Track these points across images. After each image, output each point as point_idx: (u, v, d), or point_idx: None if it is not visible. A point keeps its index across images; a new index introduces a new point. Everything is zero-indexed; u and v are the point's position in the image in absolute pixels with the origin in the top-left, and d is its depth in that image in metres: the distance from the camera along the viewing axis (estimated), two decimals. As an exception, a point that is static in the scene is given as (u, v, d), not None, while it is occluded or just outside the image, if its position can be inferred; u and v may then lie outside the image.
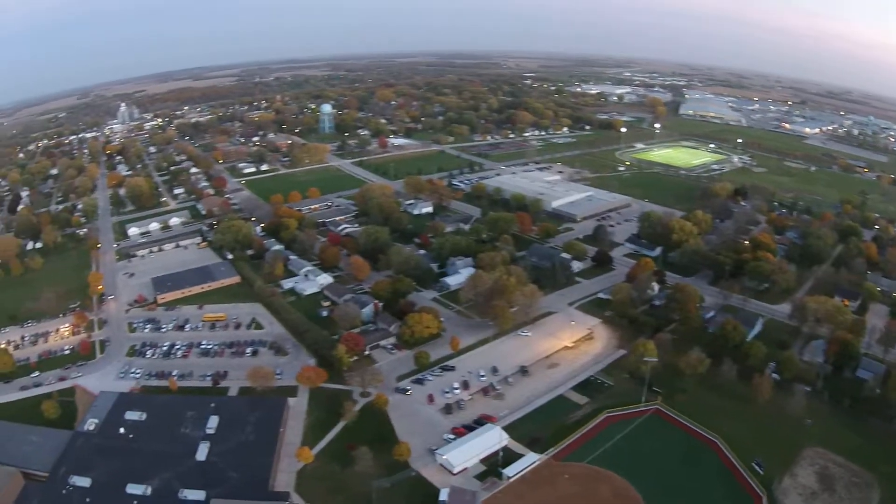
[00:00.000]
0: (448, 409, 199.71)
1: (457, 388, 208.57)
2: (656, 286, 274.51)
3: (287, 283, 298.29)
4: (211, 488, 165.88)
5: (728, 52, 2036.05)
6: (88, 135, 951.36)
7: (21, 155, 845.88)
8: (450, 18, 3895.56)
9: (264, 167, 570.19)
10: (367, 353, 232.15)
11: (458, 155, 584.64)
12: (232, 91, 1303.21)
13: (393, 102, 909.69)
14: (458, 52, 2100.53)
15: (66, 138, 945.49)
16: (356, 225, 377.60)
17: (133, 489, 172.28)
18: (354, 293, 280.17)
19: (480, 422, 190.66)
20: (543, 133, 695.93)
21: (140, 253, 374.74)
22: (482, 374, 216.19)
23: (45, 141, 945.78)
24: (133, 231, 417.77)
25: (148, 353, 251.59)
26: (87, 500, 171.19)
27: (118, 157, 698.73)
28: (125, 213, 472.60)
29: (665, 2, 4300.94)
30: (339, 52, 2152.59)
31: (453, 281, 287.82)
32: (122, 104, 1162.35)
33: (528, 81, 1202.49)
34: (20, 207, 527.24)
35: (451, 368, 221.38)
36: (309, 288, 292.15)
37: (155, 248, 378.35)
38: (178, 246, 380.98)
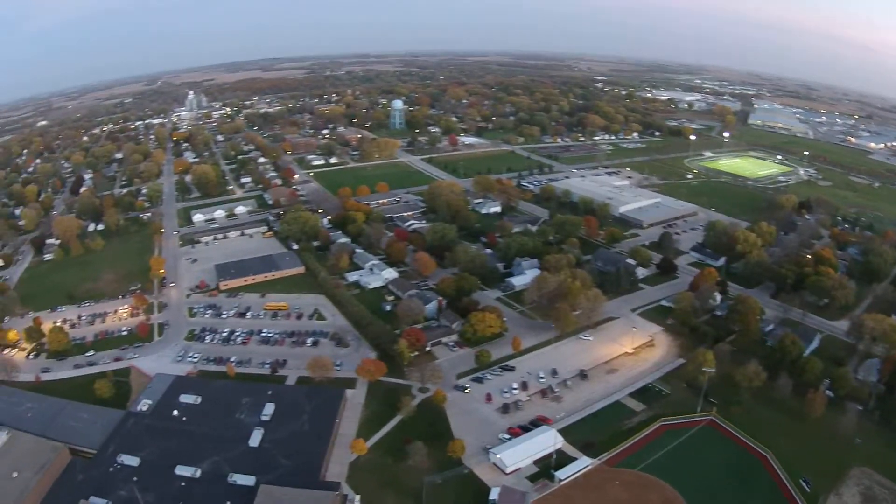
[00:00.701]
0: (505, 408, 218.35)
1: (515, 389, 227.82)
2: (718, 296, 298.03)
3: (352, 276, 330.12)
4: (261, 474, 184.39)
5: (797, 62, 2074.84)
6: (155, 121, 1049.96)
7: (85, 138, 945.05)
8: (522, 17, 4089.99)
9: (333, 160, 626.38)
10: (428, 349, 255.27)
11: (528, 156, 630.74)
12: (302, 83, 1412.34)
13: (464, 101, 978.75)
14: (530, 52, 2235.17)
15: (131, 123, 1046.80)
16: (424, 221, 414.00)
17: (182, 471, 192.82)
18: (419, 289, 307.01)
19: (536, 423, 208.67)
20: (613, 137, 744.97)
21: (204, 239, 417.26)
22: (542, 375, 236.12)
23: (111, 125, 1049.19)
24: (198, 217, 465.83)
25: (207, 338, 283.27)
26: (135, 478, 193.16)
27: (185, 145, 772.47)
28: (190, 200, 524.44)
29: (738, 11, 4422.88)
30: (411, 49, 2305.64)
31: (518, 281, 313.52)
32: (191, 92, 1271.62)
33: (600, 85, 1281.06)
34: (83, 189, 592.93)
35: (511, 368, 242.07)
36: (374, 282, 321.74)
37: (219, 236, 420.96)
38: (243, 234, 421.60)
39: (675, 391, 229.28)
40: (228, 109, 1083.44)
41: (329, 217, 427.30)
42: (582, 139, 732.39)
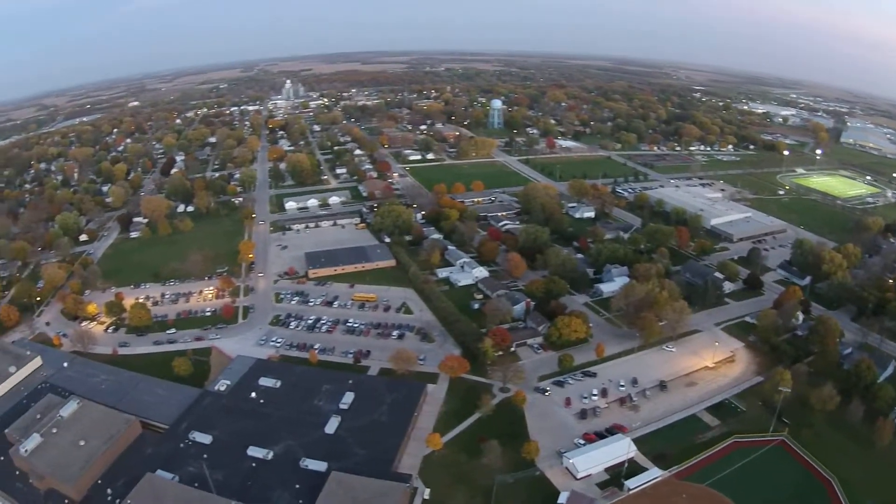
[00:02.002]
0: (583, 414, 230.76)
1: (595, 395, 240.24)
2: (801, 316, 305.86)
3: (442, 273, 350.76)
4: (334, 461, 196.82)
5: (891, 81, 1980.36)
6: (250, 108, 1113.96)
7: (178, 121, 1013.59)
8: (622, 21, 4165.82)
9: (430, 156, 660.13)
10: (512, 349, 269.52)
11: (625, 162, 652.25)
12: (401, 78, 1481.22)
13: (563, 104, 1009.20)
14: (629, 58, 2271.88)
15: (226, 109, 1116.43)
16: (517, 222, 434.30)
17: (254, 452, 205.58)
18: (508, 289, 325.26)
19: (612, 431, 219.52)
20: (708, 149, 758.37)
21: (295, 227, 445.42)
22: (622, 383, 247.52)
23: (205, 109, 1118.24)
24: (290, 205, 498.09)
25: (292, 324, 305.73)
26: (205, 455, 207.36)
27: (280, 133, 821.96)
28: (284, 187, 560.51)
29: (837, 27, 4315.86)
30: (510, 49, 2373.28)
31: (607, 288, 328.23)
32: (288, 81, 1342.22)
33: (697, 95, 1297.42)
34: (174, 171, 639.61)
35: (593, 375, 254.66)
36: (463, 279, 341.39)
37: (311, 224, 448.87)
38: (335, 224, 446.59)
39: (750, 409, 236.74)
40: (326, 100, 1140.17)
41: (423, 213, 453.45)
42: (678, 149, 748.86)
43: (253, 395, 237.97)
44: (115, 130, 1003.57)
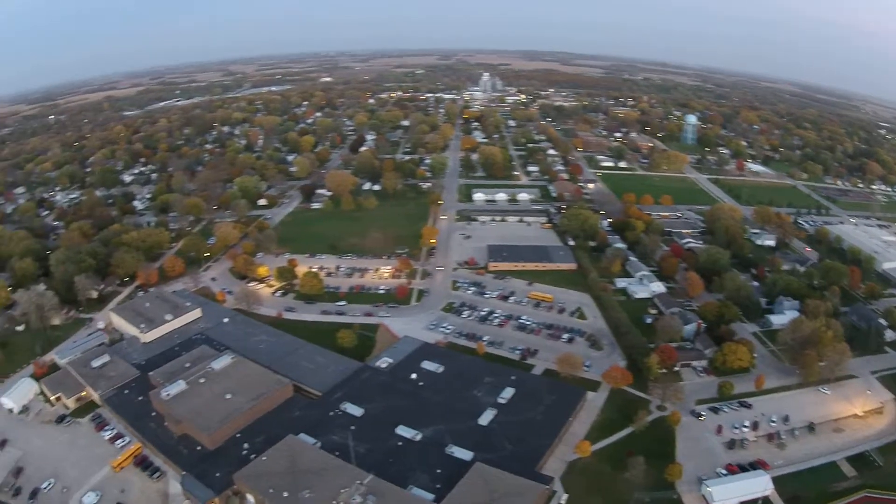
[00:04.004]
0: (731, 444, 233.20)
1: (746, 427, 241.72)
2: None
3: (620, 282, 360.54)
4: (480, 452, 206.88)
5: None
6: (446, 96, 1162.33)
7: (371, 101, 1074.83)
8: (816, 45, 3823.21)
9: (622, 164, 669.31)
10: (676, 368, 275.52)
11: (808, 194, 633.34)
12: (599, 83, 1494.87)
13: (755, 126, 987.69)
14: (819, 86, 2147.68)
15: (421, 94, 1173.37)
16: (700, 241, 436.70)
17: (403, 431, 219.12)
18: (682, 308, 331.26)
19: (755, 465, 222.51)
20: (889, 189, 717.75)
21: (481, 218, 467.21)
22: (773, 419, 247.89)
23: (400, 93, 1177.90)
24: (478, 196, 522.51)
25: (465, 313, 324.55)
26: (353, 427, 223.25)
27: (475, 124, 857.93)
28: (473, 178, 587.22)
29: None
30: (708, 64, 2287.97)
31: (777, 320, 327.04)
32: (486, 74, 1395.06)
33: (883, 132, 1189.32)
34: (363, 149, 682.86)
35: (748, 406, 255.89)
36: (640, 292, 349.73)
37: (497, 218, 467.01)
38: (521, 220, 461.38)
39: (888, 464, 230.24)
40: (523, 96, 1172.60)
41: (610, 220, 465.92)
42: (860, 185, 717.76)
43: (414, 376, 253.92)
44: (306, 103, 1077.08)
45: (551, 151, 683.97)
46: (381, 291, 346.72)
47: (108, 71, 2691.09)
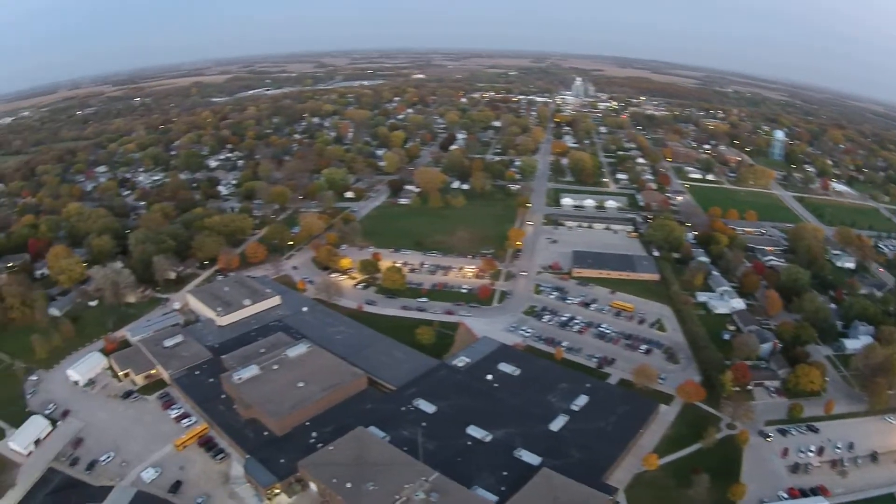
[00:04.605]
0: (795, 468, 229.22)
1: (812, 451, 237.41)
2: None
3: (701, 296, 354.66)
4: (548, 458, 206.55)
5: None
6: (538, 99, 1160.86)
7: (464, 100, 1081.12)
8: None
9: (710, 177, 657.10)
10: (749, 387, 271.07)
11: (890, 217, 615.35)
12: (690, 93, 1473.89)
13: (841, 146, 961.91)
14: None
15: (514, 96, 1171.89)
16: (782, 260, 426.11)
17: (474, 431, 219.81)
18: (760, 326, 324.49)
19: (815, 491, 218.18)
20: None
21: (568, 223, 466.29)
22: (838, 445, 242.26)
23: (492, 93, 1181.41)
24: (566, 201, 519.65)
25: (545, 317, 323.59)
26: (424, 424, 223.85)
27: (566, 128, 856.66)
28: (562, 183, 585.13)
29: None
30: (799, 80, 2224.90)
31: (851, 344, 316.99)
32: (578, 79, 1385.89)
33: None
34: (453, 147, 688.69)
35: (815, 430, 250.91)
36: (720, 307, 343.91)
37: (584, 224, 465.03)
38: (608, 228, 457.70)
39: None
40: (615, 103, 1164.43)
41: (695, 233, 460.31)
42: None
43: (489, 377, 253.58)
44: (397, 99, 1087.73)
45: (640, 160, 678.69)
46: (464, 290, 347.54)
47: (197, 57, 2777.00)
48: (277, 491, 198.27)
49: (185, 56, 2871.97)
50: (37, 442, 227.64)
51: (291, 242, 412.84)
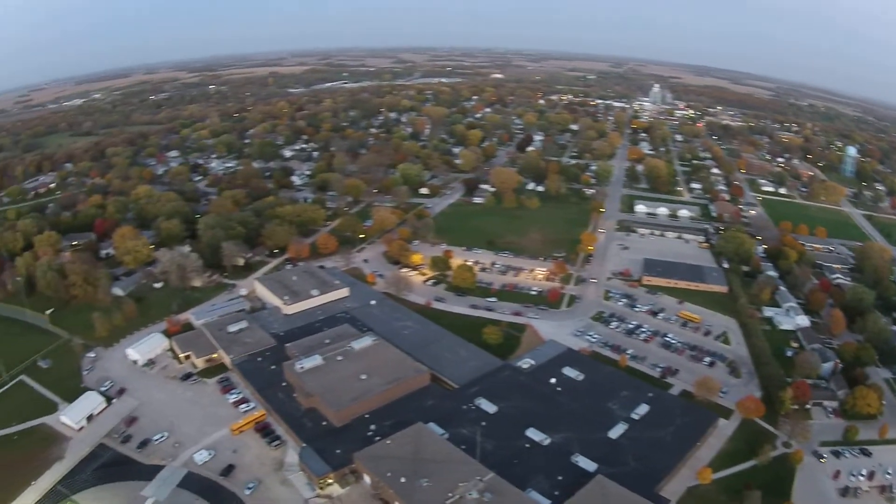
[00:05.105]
0: (845, 491, 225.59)
1: (863, 475, 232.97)
2: None
3: (767, 311, 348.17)
4: (604, 465, 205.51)
5: None
6: (616, 104, 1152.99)
7: (542, 101, 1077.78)
8: None
9: (782, 190, 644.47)
10: (808, 406, 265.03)
11: None
12: (766, 105, 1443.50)
13: None
14: None
15: (591, 100, 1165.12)
16: (848, 278, 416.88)
17: (533, 434, 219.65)
18: (823, 345, 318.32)
19: None
20: None
21: (641, 231, 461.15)
22: (889, 471, 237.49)
23: (570, 96, 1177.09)
24: (640, 208, 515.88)
25: (613, 324, 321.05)
26: (483, 423, 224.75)
27: (642, 134, 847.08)
28: (636, 189, 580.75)
29: None
30: (872, 96, 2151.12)
31: None
32: (656, 85, 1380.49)
33: None
34: (530, 149, 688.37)
35: (868, 454, 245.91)
36: (785, 323, 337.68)
37: (657, 232, 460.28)
38: (680, 237, 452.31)
39: None
40: (691, 112, 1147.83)
41: (764, 246, 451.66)
42: None
43: (553, 380, 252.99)
44: (475, 98, 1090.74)
45: (715, 171, 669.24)
46: (533, 292, 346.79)
47: (272, 48, 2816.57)
48: (330, 481, 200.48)
49: (261, 46, 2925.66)
50: (89, 418, 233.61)
51: (363, 235, 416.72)
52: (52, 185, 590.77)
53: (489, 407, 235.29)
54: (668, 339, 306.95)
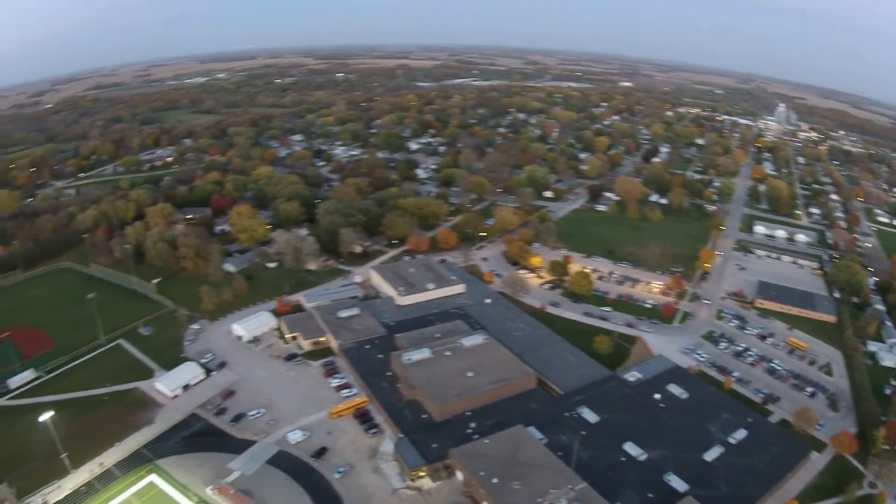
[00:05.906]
0: None
1: None
2: None
3: (871, 346, 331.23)
4: (695, 487, 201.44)
5: None
6: (741, 121, 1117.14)
7: (669, 113, 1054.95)
8: None
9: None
10: None
11: None
12: (887, 132, 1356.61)
13: None
14: None
15: (718, 115, 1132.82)
16: None
17: (630, 448, 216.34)
18: None
19: None
20: None
21: (758, 252, 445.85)
22: None
23: (697, 110, 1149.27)
24: (759, 229, 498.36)
25: (722, 344, 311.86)
26: (583, 432, 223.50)
27: (766, 154, 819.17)
28: (757, 210, 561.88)
29: None
30: None
31: None
32: (782, 105, 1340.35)
33: None
34: (655, 160, 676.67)
35: None
36: (888, 359, 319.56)
37: (773, 254, 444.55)
38: (795, 262, 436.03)
39: None
40: (815, 134, 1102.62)
41: (876, 279, 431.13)
42: None
43: (657, 396, 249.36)
44: (604, 104, 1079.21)
45: (834, 196, 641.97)
46: (648, 305, 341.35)
47: (400, 41, 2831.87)
48: (422, 474, 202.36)
49: (388, 39, 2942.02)
50: (185, 387, 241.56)
51: (484, 234, 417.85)
52: (170, 159, 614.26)
53: (591, 416, 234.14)
54: (773, 364, 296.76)
